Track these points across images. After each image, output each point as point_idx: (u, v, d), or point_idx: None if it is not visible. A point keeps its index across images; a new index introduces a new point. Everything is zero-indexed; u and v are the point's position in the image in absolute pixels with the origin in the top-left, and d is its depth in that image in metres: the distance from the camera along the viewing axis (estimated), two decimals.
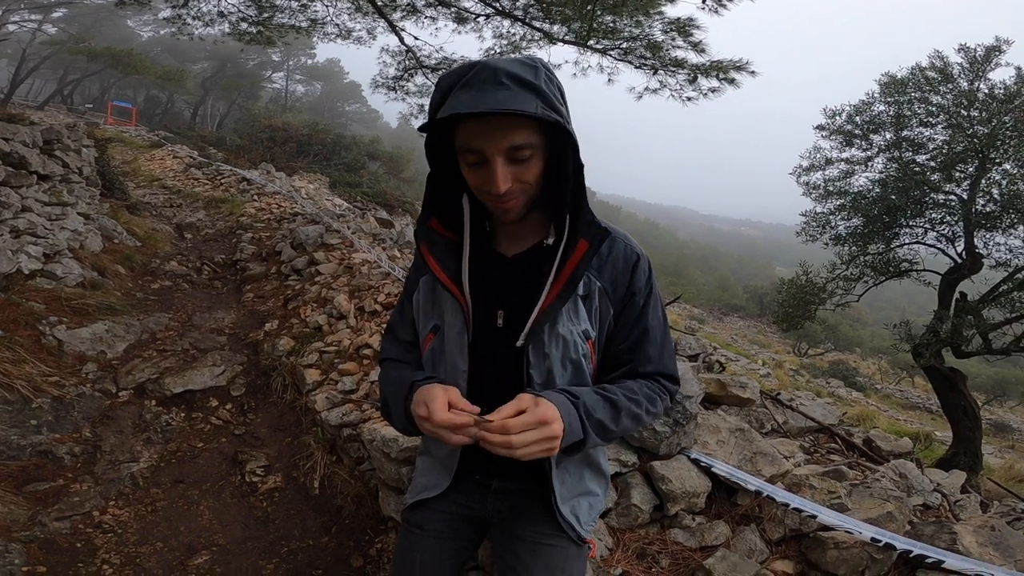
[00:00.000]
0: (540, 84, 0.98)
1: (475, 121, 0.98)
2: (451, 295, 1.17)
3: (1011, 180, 6.21)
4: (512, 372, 1.17)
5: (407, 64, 9.35)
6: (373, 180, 19.86)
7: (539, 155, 1.04)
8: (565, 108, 1.05)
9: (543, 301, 1.11)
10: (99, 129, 16.83)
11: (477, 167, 1.03)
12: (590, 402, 1.08)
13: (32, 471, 2.68)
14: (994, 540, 2.18)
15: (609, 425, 1.10)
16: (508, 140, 0.98)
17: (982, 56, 6.70)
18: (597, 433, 1.08)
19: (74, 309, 4.26)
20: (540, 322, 1.11)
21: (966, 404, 6.17)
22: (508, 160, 1.00)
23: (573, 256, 1.09)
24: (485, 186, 1.04)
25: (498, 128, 0.98)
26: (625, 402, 1.12)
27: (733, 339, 28.44)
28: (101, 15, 30.74)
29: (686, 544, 2.18)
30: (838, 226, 7.63)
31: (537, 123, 1.00)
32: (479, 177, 1.04)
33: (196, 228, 8.18)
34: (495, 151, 0.99)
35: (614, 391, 1.13)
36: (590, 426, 1.06)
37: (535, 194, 1.08)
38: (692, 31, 7.27)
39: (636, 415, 1.14)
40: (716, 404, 3.30)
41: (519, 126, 0.98)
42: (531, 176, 1.04)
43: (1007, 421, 19.66)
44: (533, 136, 1.01)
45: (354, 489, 2.79)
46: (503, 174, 1.00)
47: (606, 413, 1.09)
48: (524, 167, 1.02)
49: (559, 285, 1.10)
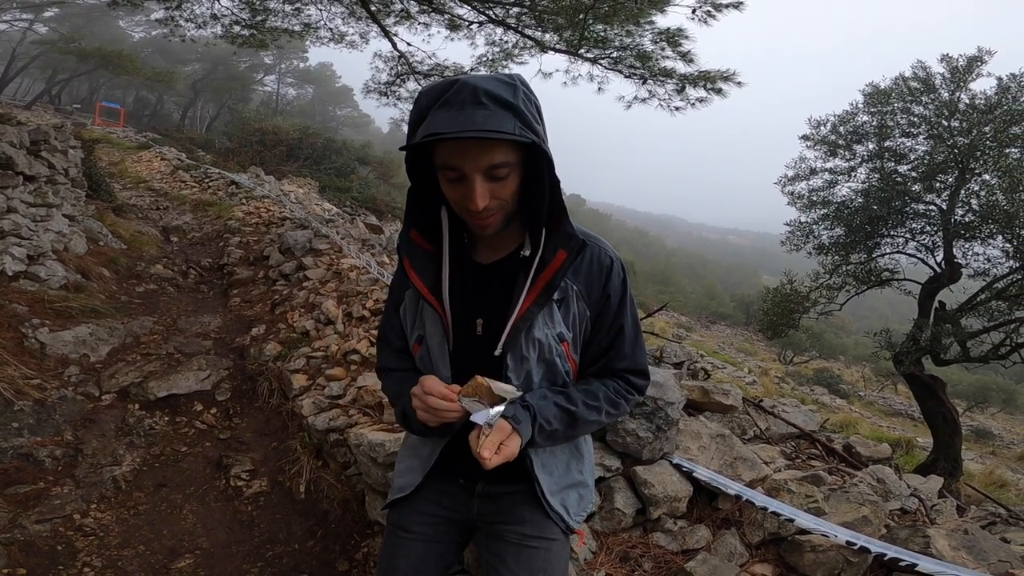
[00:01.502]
0: (518, 103, 1.01)
1: (454, 140, 1.00)
2: (431, 306, 1.22)
3: (990, 190, 6.35)
4: (495, 377, 1.20)
5: (399, 70, 9.39)
6: (363, 185, 19.82)
7: (516, 172, 1.07)
8: (542, 126, 1.08)
9: (519, 309, 1.16)
10: (86, 130, 16.70)
11: (456, 183, 1.06)
12: (543, 412, 1.18)
13: (13, 474, 2.66)
14: (967, 544, 2.23)
15: (560, 430, 1.20)
16: (487, 159, 1.01)
17: (964, 67, 6.86)
18: (546, 426, 1.18)
19: (57, 312, 4.22)
20: (517, 328, 1.16)
21: (946, 411, 6.28)
22: (486, 178, 1.03)
23: (551, 265, 1.14)
24: (464, 202, 1.07)
25: (477, 147, 1.00)
26: (583, 410, 1.22)
27: (720, 347, 28.63)
28: (93, 15, 30.53)
29: (668, 547, 2.21)
30: (821, 235, 7.76)
31: (510, 147, 1.03)
32: (458, 193, 1.07)
33: (183, 231, 8.13)
34: (473, 170, 1.02)
35: (575, 400, 1.22)
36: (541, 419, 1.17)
37: (512, 210, 1.12)
38: (681, 41, 7.40)
39: (595, 421, 1.25)
40: (699, 410, 3.34)
41: (497, 146, 1.01)
42: (508, 193, 1.08)
43: (988, 427, 19.98)
44: (510, 155, 1.04)
45: (340, 494, 2.79)
46: (481, 192, 1.03)
47: (560, 421, 1.20)
48: (501, 184, 1.06)
49: (535, 292, 1.15)
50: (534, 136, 1.02)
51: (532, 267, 1.15)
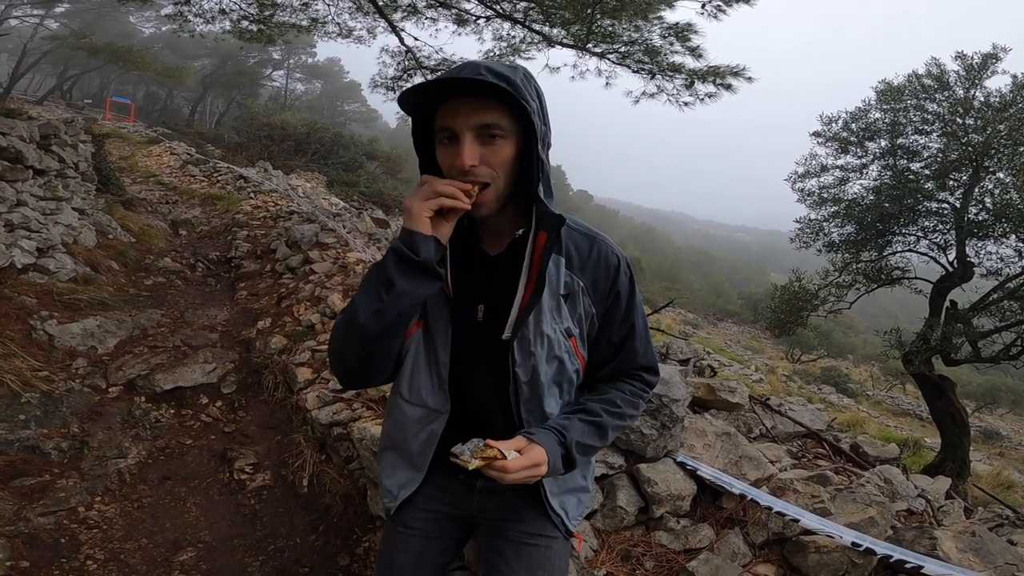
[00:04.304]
0: (516, 79, 1.04)
1: (451, 103, 1.05)
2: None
3: (1004, 189, 6.25)
4: (495, 366, 1.20)
5: (406, 65, 9.36)
6: (370, 180, 19.87)
7: (509, 141, 1.08)
8: (540, 108, 1.10)
9: (523, 294, 1.16)
10: (97, 125, 16.79)
11: (449, 146, 1.08)
12: (578, 434, 1.18)
13: (19, 466, 2.68)
14: (974, 546, 2.20)
15: (595, 444, 1.23)
16: (477, 118, 1.04)
17: (979, 64, 6.75)
18: (583, 454, 1.20)
19: (66, 304, 4.25)
20: (526, 310, 1.15)
21: (954, 411, 6.21)
22: (477, 138, 1.05)
23: (537, 247, 1.15)
24: (455, 165, 1.07)
25: (470, 106, 1.04)
26: (609, 419, 1.23)
27: (727, 344, 28.51)
28: (104, 10, 30.62)
29: (670, 546, 2.19)
30: (831, 233, 7.68)
31: (508, 110, 1.06)
32: (450, 155, 1.08)
33: (191, 225, 8.17)
34: (464, 126, 1.05)
35: (599, 412, 1.23)
36: (576, 452, 1.17)
37: (504, 190, 1.11)
38: (690, 36, 7.31)
39: (620, 426, 1.27)
40: (705, 408, 3.32)
41: (489, 108, 1.04)
42: (499, 160, 1.07)
43: (997, 428, 19.78)
44: (503, 120, 1.06)
45: (343, 488, 2.79)
46: (470, 150, 1.05)
47: (593, 437, 1.22)
48: (492, 149, 1.07)
49: (533, 275, 1.16)
50: (526, 104, 1.03)
51: (525, 250, 1.16)
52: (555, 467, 1.13)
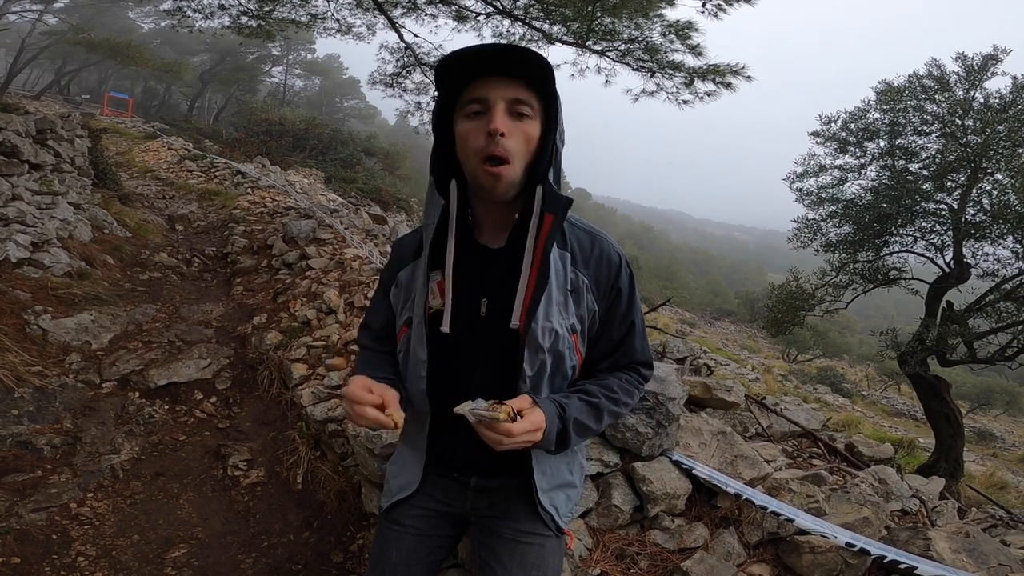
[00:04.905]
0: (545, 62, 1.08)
1: (483, 79, 1.09)
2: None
3: (1002, 190, 6.25)
4: (498, 359, 1.20)
5: (406, 61, 9.33)
6: (369, 176, 19.80)
7: (535, 122, 1.12)
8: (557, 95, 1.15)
9: (527, 283, 1.15)
10: (95, 120, 16.73)
11: (475, 118, 1.10)
12: (576, 411, 1.19)
13: (11, 462, 2.66)
14: (968, 546, 2.20)
15: (591, 426, 1.22)
16: (512, 91, 1.09)
17: (979, 65, 6.75)
18: (578, 434, 1.19)
19: (60, 299, 4.23)
20: (534, 300, 1.15)
21: (949, 412, 6.22)
22: (509, 111, 1.09)
23: (541, 235, 1.14)
24: (481, 134, 1.09)
25: (504, 80, 1.09)
26: (607, 403, 1.23)
27: (723, 343, 28.55)
28: (103, 5, 30.49)
29: (665, 546, 2.19)
30: (829, 233, 7.67)
31: (534, 94, 1.11)
32: (476, 127, 1.10)
33: (188, 220, 8.13)
34: (499, 96, 1.08)
35: (597, 394, 1.23)
36: (572, 431, 1.17)
37: (521, 173, 1.12)
38: (690, 34, 7.29)
39: (616, 412, 1.27)
40: (701, 407, 3.31)
41: (522, 86, 1.09)
42: (524, 138, 1.10)
43: (990, 429, 19.87)
44: (533, 100, 1.11)
45: (337, 485, 2.78)
46: (502, 117, 1.08)
47: (590, 418, 1.21)
48: (520, 126, 1.10)
49: (536, 263, 1.15)
50: (554, 91, 1.11)
51: (527, 241, 1.15)
52: (548, 438, 1.12)
